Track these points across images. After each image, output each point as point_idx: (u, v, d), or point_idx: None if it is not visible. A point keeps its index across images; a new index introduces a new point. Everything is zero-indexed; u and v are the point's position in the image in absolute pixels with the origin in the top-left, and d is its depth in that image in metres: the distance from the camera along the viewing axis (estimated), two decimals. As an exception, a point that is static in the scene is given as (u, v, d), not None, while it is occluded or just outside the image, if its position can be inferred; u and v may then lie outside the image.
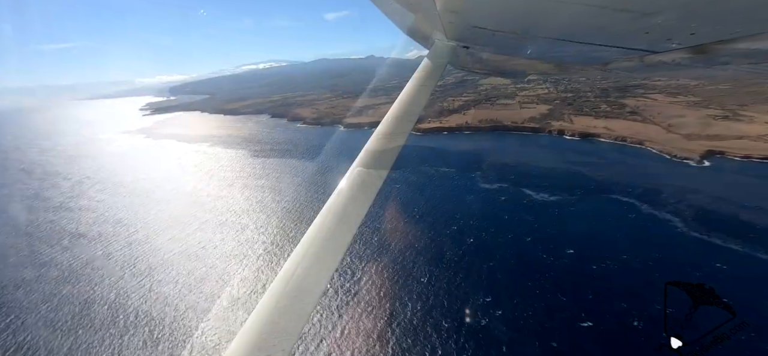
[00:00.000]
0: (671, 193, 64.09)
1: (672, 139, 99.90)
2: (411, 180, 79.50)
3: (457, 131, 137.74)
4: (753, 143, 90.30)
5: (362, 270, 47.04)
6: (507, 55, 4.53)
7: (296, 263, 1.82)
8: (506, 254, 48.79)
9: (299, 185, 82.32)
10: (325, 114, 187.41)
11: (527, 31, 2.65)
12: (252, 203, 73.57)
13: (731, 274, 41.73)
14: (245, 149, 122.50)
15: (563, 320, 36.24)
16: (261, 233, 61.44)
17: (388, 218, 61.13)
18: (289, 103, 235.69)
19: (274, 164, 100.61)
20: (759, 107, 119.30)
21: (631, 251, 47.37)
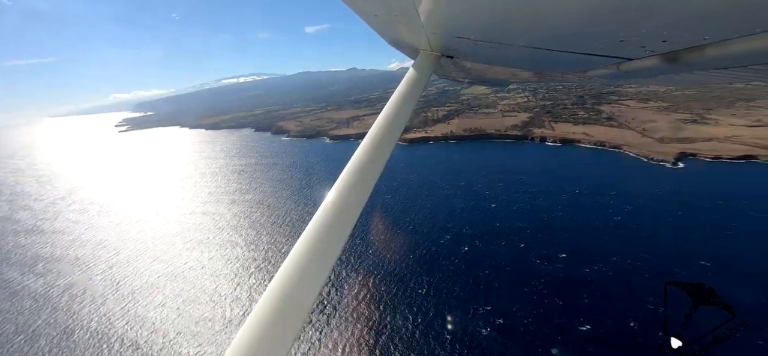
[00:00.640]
0: (652, 194, 66.85)
1: (647, 143, 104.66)
2: (401, 191, 79.67)
3: (442, 140, 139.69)
4: (721, 144, 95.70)
5: (359, 283, 46.40)
6: (490, 64, 4.68)
7: (286, 276, 1.83)
8: (501, 262, 49.30)
9: (288, 198, 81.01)
10: (309, 127, 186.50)
11: (508, 41, 2.73)
12: (240, 219, 71.68)
13: (715, 271, 43.60)
14: (230, 163, 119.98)
15: (562, 325, 36.75)
16: (252, 249, 59.81)
17: (380, 230, 60.80)
18: (273, 116, 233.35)
19: (261, 178, 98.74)
20: (722, 110, 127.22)
21: (619, 253, 48.85)
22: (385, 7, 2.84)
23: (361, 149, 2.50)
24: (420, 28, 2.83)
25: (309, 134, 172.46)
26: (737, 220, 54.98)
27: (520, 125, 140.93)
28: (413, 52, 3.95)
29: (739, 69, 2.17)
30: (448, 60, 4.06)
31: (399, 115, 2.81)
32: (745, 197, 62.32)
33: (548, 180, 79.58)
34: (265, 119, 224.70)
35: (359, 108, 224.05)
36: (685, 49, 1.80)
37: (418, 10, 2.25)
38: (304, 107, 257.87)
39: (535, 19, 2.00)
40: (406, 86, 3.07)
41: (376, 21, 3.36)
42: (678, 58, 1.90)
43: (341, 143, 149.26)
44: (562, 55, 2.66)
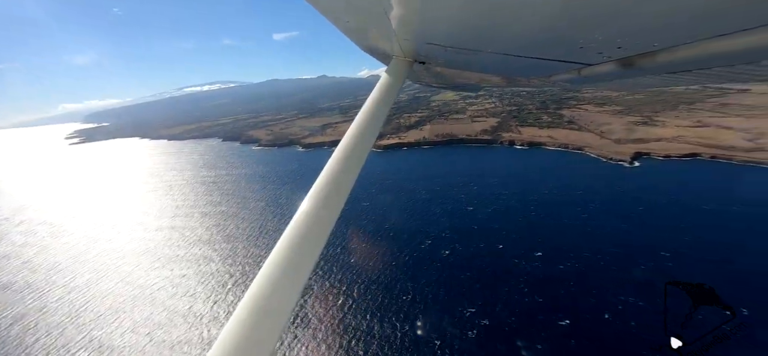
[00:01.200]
0: (614, 192, 71.73)
1: (605, 144, 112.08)
2: (379, 197, 79.77)
3: (416, 145, 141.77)
4: (669, 144, 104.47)
5: (344, 293, 45.78)
6: (461, 70, 4.83)
7: (260, 288, 1.81)
8: (482, 263, 50.63)
9: (263, 208, 78.55)
10: (281, 135, 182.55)
11: (478, 47, 2.85)
12: (213, 233, 68.47)
13: (675, 261, 47.35)
14: (198, 174, 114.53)
15: (543, 322, 38.27)
16: (228, 263, 57.25)
17: (361, 238, 60.47)
18: (241, 125, 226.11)
19: (233, 189, 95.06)
20: (668, 112, 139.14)
21: (590, 249, 51.81)
22: (357, 13, 2.87)
23: (336, 156, 2.52)
24: (392, 35, 2.87)
25: (281, 142, 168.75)
26: (689, 214, 60.19)
27: (490, 129, 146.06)
28: (386, 58, 4.00)
29: (685, 73, 2.44)
30: (421, 66, 4.13)
31: (373, 121, 2.84)
32: (694, 193, 68.47)
33: (520, 182, 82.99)
34: (234, 129, 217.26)
35: (331, 115, 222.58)
36: (637, 55, 1.99)
37: (390, 17, 2.30)
38: (274, 116, 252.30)
39: (503, 26, 2.11)
40: (380, 92, 3.11)
41: (349, 27, 3.40)
42: (632, 63, 2.10)
43: (315, 150, 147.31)
44: (528, 61, 2.82)
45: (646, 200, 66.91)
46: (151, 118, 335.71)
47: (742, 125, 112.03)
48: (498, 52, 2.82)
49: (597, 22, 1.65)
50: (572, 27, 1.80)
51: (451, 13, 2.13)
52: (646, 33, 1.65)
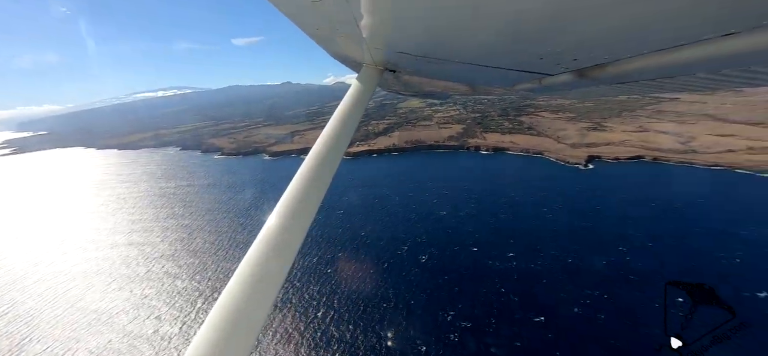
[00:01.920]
0: (573, 193, 77.09)
1: (562, 148, 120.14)
2: (353, 205, 79.38)
3: (386, 152, 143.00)
4: (617, 147, 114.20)
5: (324, 304, 44.86)
6: (430, 78, 5.01)
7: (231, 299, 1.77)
8: (458, 267, 51.99)
9: (232, 220, 74.94)
10: (245, 143, 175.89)
11: (445, 56, 2.95)
12: (178, 248, 64.10)
13: (632, 254, 51.70)
14: (156, 186, 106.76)
15: (520, 320, 40.05)
16: (196, 280, 53.83)
17: (338, 247, 59.74)
18: (201, 133, 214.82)
19: (197, 201, 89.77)
20: (614, 119, 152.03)
21: (556, 247, 55.13)
22: (327, 21, 2.87)
23: (308, 163, 2.53)
24: (363, 43, 2.92)
25: (245, 150, 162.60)
26: (639, 211, 66.11)
27: (456, 135, 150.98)
28: (357, 66, 4.06)
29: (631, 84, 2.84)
30: (391, 74, 4.22)
31: (345, 128, 2.88)
32: (641, 191, 75.37)
33: (487, 186, 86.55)
34: (193, 137, 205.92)
35: (298, 123, 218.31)
36: (590, 67, 2.26)
37: (360, 26, 2.33)
38: (237, 123, 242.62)
39: (469, 37, 2.21)
40: (351, 99, 3.17)
41: (319, 34, 3.41)
42: (586, 74, 2.37)
43: (283, 158, 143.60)
44: (494, 71, 3.04)
45: (601, 199, 72.58)
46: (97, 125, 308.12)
47: (676, 130, 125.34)
48: (466, 62, 2.95)
49: (554, 36, 1.79)
50: (533, 40, 1.96)
51: (420, 24, 2.21)
52: (596, 47, 1.90)
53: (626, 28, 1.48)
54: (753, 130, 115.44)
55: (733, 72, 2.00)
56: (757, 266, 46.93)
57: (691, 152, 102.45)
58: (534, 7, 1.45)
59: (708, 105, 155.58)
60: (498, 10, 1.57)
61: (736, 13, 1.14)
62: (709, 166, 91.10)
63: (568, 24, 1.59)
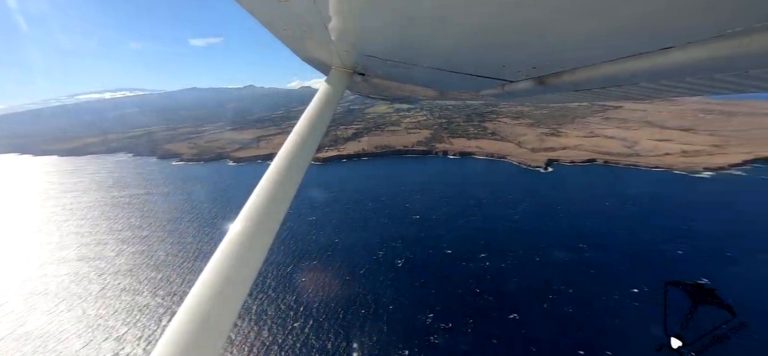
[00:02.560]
0: (535, 194, 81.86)
1: (523, 153, 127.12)
2: (325, 211, 78.52)
3: (356, 157, 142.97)
4: (572, 151, 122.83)
5: (303, 313, 43.88)
6: (399, 82, 5.08)
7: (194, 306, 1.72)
8: (434, 269, 53.22)
9: (198, 230, 70.91)
10: (207, 149, 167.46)
11: (414, 61, 3.01)
12: (138, 261, 59.48)
13: (590, 249, 55.85)
14: (108, 196, 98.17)
15: (496, 318, 41.83)
16: (160, 294, 50.23)
17: (313, 254, 58.78)
18: (157, 138, 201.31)
19: (157, 211, 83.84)
20: (568, 124, 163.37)
21: (522, 246, 58.24)
22: (295, 22, 2.84)
23: (275, 167, 2.49)
24: (331, 45, 2.91)
25: (207, 156, 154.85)
26: (594, 209, 71.68)
27: (424, 140, 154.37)
28: (326, 69, 4.07)
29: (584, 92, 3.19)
30: (361, 77, 4.26)
31: (314, 131, 2.86)
32: (596, 192, 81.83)
33: (457, 189, 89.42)
34: (147, 142, 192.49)
35: (264, 127, 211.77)
36: (548, 75, 2.44)
37: (328, 28, 2.34)
38: (197, 127, 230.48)
39: (436, 43, 2.27)
40: (320, 102, 3.14)
41: (286, 35, 3.38)
42: (544, 81, 2.53)
43: (249, 164, 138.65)
44: (460, 76, 3.13)
45: (561, 199, 77.74)
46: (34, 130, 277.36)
47: (621, 135, 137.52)
48: (433, 67, 3.04)
49: (515, 45, 1.95)
50: (496, 48, 2.10)
51: (389, 28, 2.26)
52: (553, 57, 2.07)
53: (579, 39, 1.64)
54: (685, 135, 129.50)
55: (668, 82, 2.32)
56: (695, 256, 52.71)
57: (635, 155, 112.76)
58: (496, 17, 1.53)
59: (647, 113, 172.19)
60: (463, 18, 1.64)
61: (672, 29, 1.33)
62: (651, 168, 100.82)
63: (527, 35, 1.72)
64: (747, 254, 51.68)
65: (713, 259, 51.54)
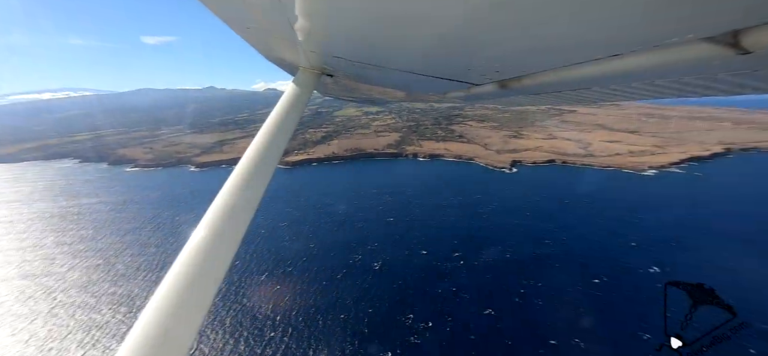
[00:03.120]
0: (503, 194, 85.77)
1: (489, 154, 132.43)
2: (297, 216, 77.02)
3: (326, 161, 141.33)
4: (533, 153, 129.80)
5: (279, 322, 42.72)
6: (368, 84, 4.99)
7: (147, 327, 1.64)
8: (412, 271, 54.01)
9: (164, 239, 66.40)
10: (165, 154, 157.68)
11: (381, 63, 2.99)
12: (93, 276, 54.52)
13: (554, 244, 59.44)
14: (55, 207, 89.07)
15: (473, 314, 43.31)
16: (121, 310, 46.39)
17: (288, 260, 57.43)
18: (107, 143, 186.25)
19: (114, 221, 77.40)
20: (528, 128, 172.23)
21: (495, 243, 60.79)
22: (259, 20, 2.77)
23: (240, 171, 2.44)
24: (298, 45, 2.85)
25: (166, 162, 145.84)
26: (556, 206, 76.47)
27: (394, 143, 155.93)
28: (293, 69, 4.00)
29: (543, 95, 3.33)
30: (329, 78, 4.21)
31: (280, 134, 2.80)
32: (557, 190, 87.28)
33: (429, 191, 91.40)
34: (96, 147, 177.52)
35: (227, 131, 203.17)
36: (510, 79, 2.54)
37: (295, 28, 2.30)
38: (153, 131, 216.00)
39: (403, 46, 2.30)
40: (287, 104, 3.08)
41: (250, 34, 3.28)
42: (507, 85, 2.64)
43: (212, 170, 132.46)
44: (427, 79, 3.18)
45: (527, 198, 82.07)
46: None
47: (576, 137, 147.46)
48: (401, 69, 3.06)
49: (478, 49, 2.04)
50: (461, 52, 2.16)
51: (356, 29, 2.23)
52: (514, 61, 2.18)
53: (537, 46, 1.75)
54: (631, 137, 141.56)
55: (617, 88, 2.52)
56: (647, 246, 57.88)
57: (590, 155, 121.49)
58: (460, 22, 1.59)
59: (598, 116, 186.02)
60: (429, 21, 1.70)
61: (619, 38, 1.45)
62: (604, 167, 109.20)
63: (489, 40, 1.83)
64: (690, 242, 57.77)
65: (662, 248, 56.91)
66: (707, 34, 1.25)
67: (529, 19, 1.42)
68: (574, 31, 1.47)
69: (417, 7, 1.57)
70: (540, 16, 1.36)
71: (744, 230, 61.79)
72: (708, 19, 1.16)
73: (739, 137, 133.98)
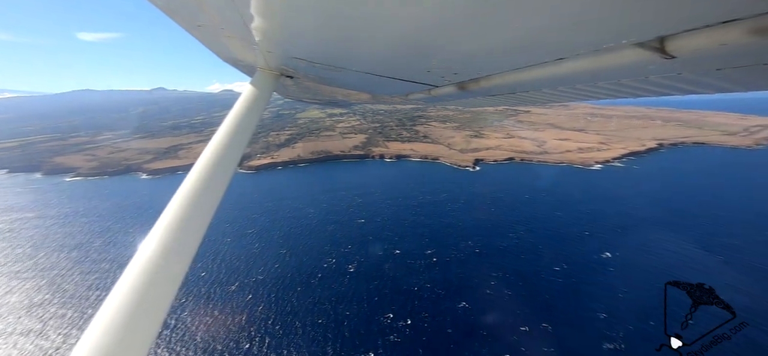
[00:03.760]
0: (468, 192, 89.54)
1: (454, 154, 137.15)
2: (264, 221, 74.82)
3: (291, 164, 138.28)
4: (494, 151, 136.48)
5: (258, 331, 41.38)
6: (331, 86, 4.90)
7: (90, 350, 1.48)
8: (385, 271, 54.72)
9: (117, 253, 61.20)
10: (111, 161, 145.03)
11: (343, 65, 2.95)
12: (36, 299, 48.78)
13: (525, 237, 63.23)
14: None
15: (449, 308, 44.93)
16: (74, 336, 42.25)
17: (260, 268, 55.69)
18: (39, 150, 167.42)
19: (55, 236, 69.59)
20: (487, 128, 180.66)
21: (464, 239, 63.37)
22: (211, 19, 2.63)
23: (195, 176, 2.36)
24: (255, 46, 2.76)
25: (113, 170, 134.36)
26: (518, 201, 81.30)
27: (361, 145, 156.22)
28: (250, 70, 3.89)
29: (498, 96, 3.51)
30: (289, 79, 4.12)
31: (238, 137, 2.73)
32: (517, 187, 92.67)
33: (396, 191, 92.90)
34: (25, 155, 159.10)
35: (182, 134, 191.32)
36: (468, 81, 2.69)
37: (251, 27, 2.23)
38: (94, 136, 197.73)
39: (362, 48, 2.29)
40: (244, 107, 2.99)
41: (202, 32, 3.08)
42: (465, 87, 2.77)
43: (167, 177, 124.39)
44: (389, 81, 3.22)
45: (491, 195, 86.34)
46: None
47: (532, 136, 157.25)
48: (362, 71, 3.06)
49: (436, 52, 2.09)
50: (420, 55, 2.21)
51: (315, 31, 2.19)
52: (470, 64, 2.27)
53: (490, 49, 1.86)
54: (579, 135, 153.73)
55: (564, 89, 2.67)
56: (598, 234, 63.48)
57: (545, 153, 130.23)
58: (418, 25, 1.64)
59: (549, 116, 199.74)
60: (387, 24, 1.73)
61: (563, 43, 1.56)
62: (557, 163, 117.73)
63: (446, 43, 1.88)
64: (632, 228, 64.25)
65: (611, 235, 62.75)
66: (638, 40, 1.36)
67: (482, 25, 1.48)
68: (523, 37, 1.57)
69: (376, 9, 1.57)
70: (492, 21, 1.42)
71: (673, 214, 70.16)
72: (638, 26, 1.27)
73: (669, 133, 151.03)
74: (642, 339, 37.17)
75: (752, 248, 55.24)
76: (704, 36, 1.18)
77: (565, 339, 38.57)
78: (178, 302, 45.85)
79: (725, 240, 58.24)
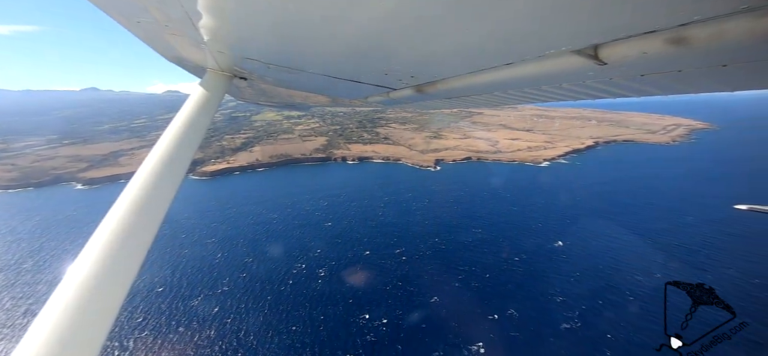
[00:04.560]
0: (430, 192, 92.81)
1: (414, 155, 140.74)
2: (225, 230, 71.40)
3: (249, 169, 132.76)
4: (453, 151, 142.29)
5: (225, 345, 39.60)
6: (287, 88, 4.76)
7: None
8: (359, 271, 55.08)
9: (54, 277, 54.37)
10: (34, 170, 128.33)
11: (299, 66, 2.88)
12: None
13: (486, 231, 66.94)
14: None
15: (421, 303, 46.55)
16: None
17: (226, 279, 53.18)
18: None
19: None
20: (445, 129, 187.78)
21: (432, 236, 65.78)
22: (154, 14, 2.35)
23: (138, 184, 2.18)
24: (203, 45, 2.58)
25: (39, 180, 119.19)
26: (477, 197, 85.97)
27: (321, 147, 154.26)
28: (199, 71, 3.70)
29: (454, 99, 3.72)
30: (243, 81, 3.95)
31: (186, 141, 2.57)
32: (475, 184, 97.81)
33: (361, 192, 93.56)
34: None
35: (121, 140, 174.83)
36: (425, 84, 2.82)
37: (198, 26, 2.04)
38: (10, 143, 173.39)
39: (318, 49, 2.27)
40: (193, 109, 2.84)
41: (142, 29, 2.82)
42: (422, 89, 2.90)
43: (107, 186, 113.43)
44: (347, 83, 3.18)
45: (452, 193, 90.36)
46: None
47: (486, 136, 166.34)
48: (319, 73, 3.02)
49: (392, 56, 2.19)
50: (377, 57, 2.28)
51: (268, 31, 2.09)
52: (426, 68, 2.40)
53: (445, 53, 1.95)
54: (527, 134, 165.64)
55: (513, 92, 2.79)
56: (549, 224, 69.37)
57: (498, 152, 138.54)
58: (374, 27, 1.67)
59: (501, 117, 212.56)
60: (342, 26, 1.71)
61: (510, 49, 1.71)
62: (510, 161, 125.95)
63: (403, 46, 1.95)
64: (577, 218, 71.07)
65: (560, 225, 68.87)
66: (576, 47, 1.47)
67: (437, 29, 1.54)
68: (475, 42, 1.65)
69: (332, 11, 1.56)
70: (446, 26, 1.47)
71: (611, 204, 78.93)
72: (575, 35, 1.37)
73: (603, 132, 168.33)
74: (594, 316, 41.56)
75: (676, 229, 64.14)
76: (630, 45, 1.30)
77: (528, 322, 41.93)
78: (136, 322, 42.40)
79: (654, 225, 66.83)
